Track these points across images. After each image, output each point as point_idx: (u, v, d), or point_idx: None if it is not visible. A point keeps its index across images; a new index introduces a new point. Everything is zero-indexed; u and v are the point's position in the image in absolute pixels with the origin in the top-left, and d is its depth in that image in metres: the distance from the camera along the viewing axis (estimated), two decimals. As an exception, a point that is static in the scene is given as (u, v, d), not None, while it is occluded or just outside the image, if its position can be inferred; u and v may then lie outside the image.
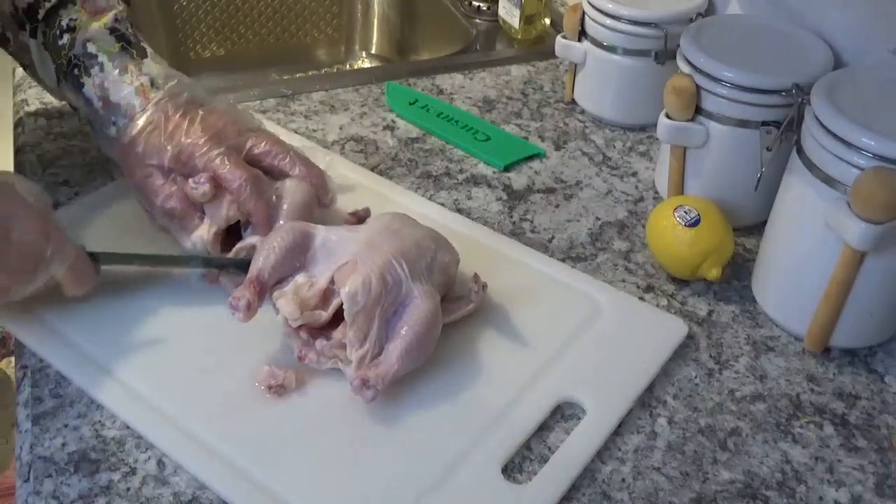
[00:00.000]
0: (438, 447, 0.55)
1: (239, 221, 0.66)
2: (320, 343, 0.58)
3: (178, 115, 0.66)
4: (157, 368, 0.60)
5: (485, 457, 0.55)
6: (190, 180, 0.64)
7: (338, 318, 0.58)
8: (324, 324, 0.59)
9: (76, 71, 0.67)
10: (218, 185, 0.64)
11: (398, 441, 0.56)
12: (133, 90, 0.67)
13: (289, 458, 0.54)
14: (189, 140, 0.65)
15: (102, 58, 0.67)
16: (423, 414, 0.58)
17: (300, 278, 0.59)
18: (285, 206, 0.65)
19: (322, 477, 0.53)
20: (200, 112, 0.67)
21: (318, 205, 0.68)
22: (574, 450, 0.56)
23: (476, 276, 0.64)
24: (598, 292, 0.68)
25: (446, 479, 0.54)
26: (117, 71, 0.67)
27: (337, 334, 0.58)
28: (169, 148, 0.65)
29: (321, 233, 0.61)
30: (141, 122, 0.66)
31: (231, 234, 0.67)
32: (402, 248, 0.59)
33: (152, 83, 0.67)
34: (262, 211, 0.64)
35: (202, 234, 0.65)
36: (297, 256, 0.60)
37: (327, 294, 0.58)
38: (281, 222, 0.64)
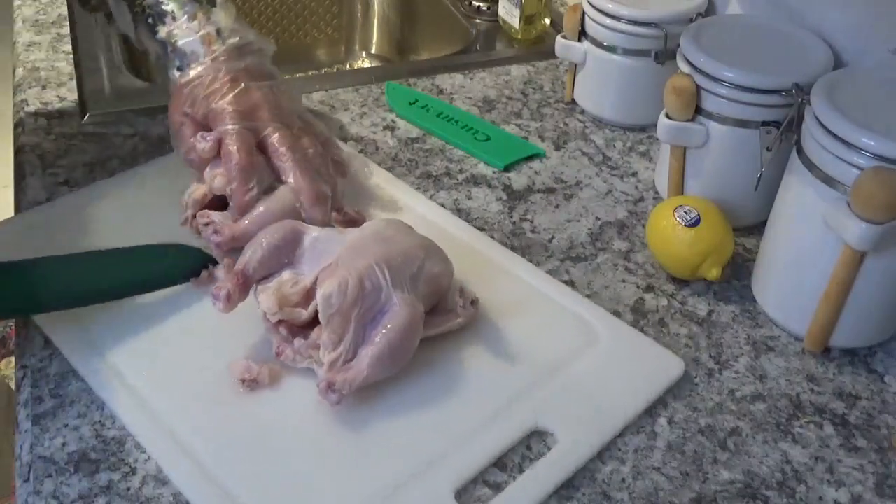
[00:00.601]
0: (398, 460, 0.54)
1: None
2: (298, 342, 0.58)
3: (226, 78, 0.68)
4: (146, 359, 0.60)
5: (441, 478, 0.53)
6: (199, 133, 0.67)
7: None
8: (305, 323, 0.59)
9: (150, 20, 0.71)
10: (219, 154, 0.67)
11: (358, 448, 0.55)
12: (199, 38, 0.70)
13: (242, 453, 0.54)
14: (218, 106, 0.67)
15: (173, 6, 0.70)
16: (391, 423, 0.56)
17: (286, 275, 0.59)
18: (260, 208, 0.66)
19: (274, 475, 0.53)
20: (244, 84, 0.69)
21: (298, 218, 0.67)
22: (533, 483, 0.54)
23: (462, 290, 0.63)
24: (597, 319, 0.65)
25: (397, 494, 0.52)
26: (186, 17, 0.70)
27: (314, 335, 0.58)
28: (203, 106, 0.68)
29: (312, 232, 0.61)
30: (193, 73, 0.69)
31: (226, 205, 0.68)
32: (388, 254, 0.59)
33: (218, 33, 0.70)
34: (240, 198, 0.66)
35: (192, 190, 0.69)
36: (286, 254, 0.60)
37: (310, 294, 0.58)
38: (260, 209, 0.65)
